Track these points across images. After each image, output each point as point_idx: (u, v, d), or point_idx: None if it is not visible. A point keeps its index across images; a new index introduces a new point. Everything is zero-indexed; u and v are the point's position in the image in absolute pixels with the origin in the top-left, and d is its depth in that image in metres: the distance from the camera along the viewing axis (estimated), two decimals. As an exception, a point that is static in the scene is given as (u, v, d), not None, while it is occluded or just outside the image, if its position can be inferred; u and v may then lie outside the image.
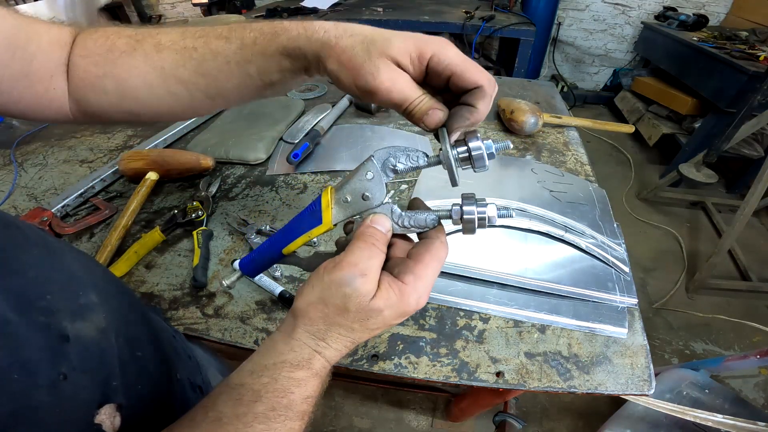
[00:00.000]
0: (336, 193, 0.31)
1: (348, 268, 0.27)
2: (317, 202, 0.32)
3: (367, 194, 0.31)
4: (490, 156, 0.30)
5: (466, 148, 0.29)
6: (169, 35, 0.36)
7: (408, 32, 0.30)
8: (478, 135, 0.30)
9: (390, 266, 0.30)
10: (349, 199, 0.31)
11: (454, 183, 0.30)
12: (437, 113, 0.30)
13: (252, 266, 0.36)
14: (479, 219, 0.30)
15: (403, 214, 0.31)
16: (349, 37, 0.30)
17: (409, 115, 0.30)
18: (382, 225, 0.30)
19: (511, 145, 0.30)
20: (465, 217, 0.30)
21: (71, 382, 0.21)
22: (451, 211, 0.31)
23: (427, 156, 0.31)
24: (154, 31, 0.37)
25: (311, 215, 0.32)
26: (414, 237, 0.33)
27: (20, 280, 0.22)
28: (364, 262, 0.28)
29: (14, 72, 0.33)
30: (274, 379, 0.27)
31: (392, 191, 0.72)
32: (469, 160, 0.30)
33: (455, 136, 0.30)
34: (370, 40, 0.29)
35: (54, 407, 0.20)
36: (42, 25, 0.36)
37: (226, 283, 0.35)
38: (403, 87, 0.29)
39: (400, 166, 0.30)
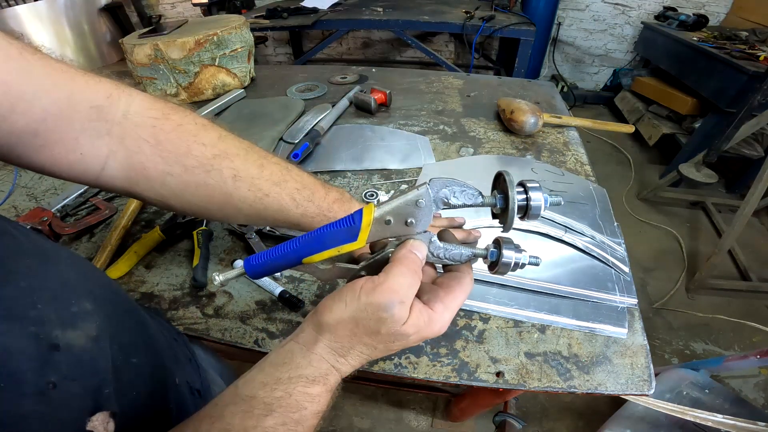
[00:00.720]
0: (377, 212, 0.30)
1: (389, 294, 0.27)
2: (356, 218, 0.31)
3: (411, 220, 0.30)
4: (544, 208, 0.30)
5: (525, 197, 0.29)
6: (247, 167, 0.38)
7: None
8: (539, 186, 0.30)
9: (419, 292, 0.30)
10: (391, 221, 0.30)
11: (508, 229, 0.30)
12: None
13: (260, 268, 0.34)
14: (515, 264, 0.31)
15: (441, 246, 0.31)
16: None
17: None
18: (421, 252, 0.30)
19: (563, 202, 0.31)
20: (503, 260, 0.31)
21: (61, 391, 0.21)
22: (487, 252, 0.32)
23: (482, 196, 0.31)
24: (231, 149, 0.38)
25: (347, 230, 0.31)
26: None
27: (11, 290, 0.22)
28: (405, 290, 0.28)
29: (16, 128, 0.29)
30: (288, 394, 0.26)
31: (392, 191, 0.72)
32: (525, 209, 0.30)
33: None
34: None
35: (43, 415, 0.20)
36: (66, 79, 0.31)
37: (220, 278, 0.33)
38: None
39: (453, 201, 0.30)
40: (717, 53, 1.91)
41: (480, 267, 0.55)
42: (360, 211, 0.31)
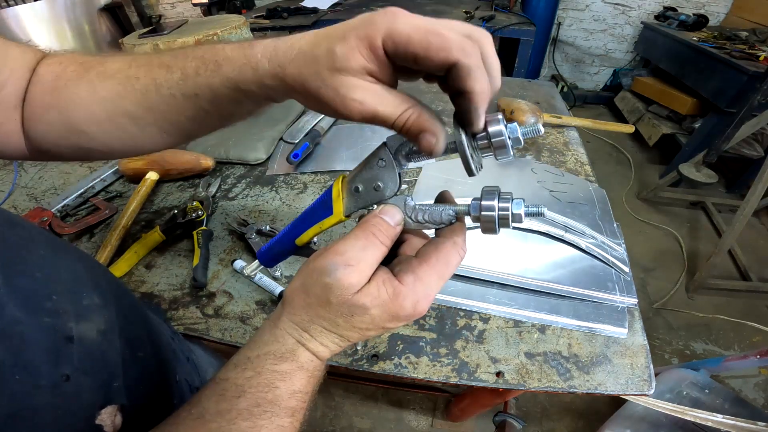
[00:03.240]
0: (348, 183, 0.29)
1: (332, 256, 0.25)
2: (329, 191, 0.30)
3: (379, 184, 0.28)
4: (516, 142, 0.25)
5: (485, 133, 0.25)
6: (117, 63, 0.32)
7: (351, 21, 0.25)
8: (500, 117, 0.25)
9: (394, 264, 0.27)
10: (360, 189, 0.28)
11: (469, 173, 0.26)
12: (427, 138, 0.25)
13: (268, 256, 0.35)
14: (501, 217, 0.25)
15: (418, 206, 0.28)
16: (291, 62, 0.25)
17: (402, 133, 0.26)
18: (390, 217, 0.27)
19: (543, 130, 0.27)
20: (483, 213, 0.26)
21: (74, 383, 0.21)
22: (469, 207, 0.27)
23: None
24: (104, 59, 0.33)
25: (323, 205, 0.30)
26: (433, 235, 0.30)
27: (27, 280, 0.22)
28: (354, 251, 0.25)
29: None
30: (257, 373, 0.25)
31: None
32: (490, 148, 0.25)
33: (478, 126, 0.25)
34: (312, 59, 0.25)
35: (55, 408, 0.20)
36: (17, 50, 0.32)
37: (247, 272, 0.37)
38: (377, 104, 0.24)
39: (414, 154, 0.28)
40: (717, 53, 1.91)
41: (481, 266, 0.55)
42: (332, 185, 0.31)
